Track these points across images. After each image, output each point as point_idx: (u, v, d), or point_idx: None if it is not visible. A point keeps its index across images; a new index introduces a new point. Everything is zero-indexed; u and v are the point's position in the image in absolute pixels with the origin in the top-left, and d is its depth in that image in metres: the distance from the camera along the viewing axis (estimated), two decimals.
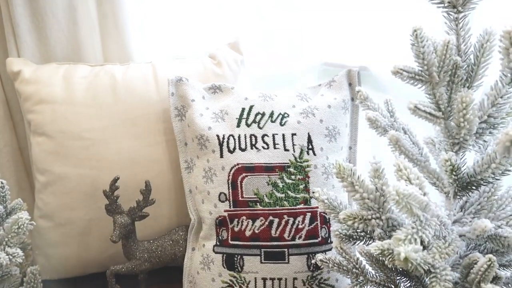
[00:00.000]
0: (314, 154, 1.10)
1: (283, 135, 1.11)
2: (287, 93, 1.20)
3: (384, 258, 0.78)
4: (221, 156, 1.10)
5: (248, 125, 1.12)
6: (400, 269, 0.91)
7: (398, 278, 0.91)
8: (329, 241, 1.08)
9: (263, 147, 1.10)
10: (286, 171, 1.08)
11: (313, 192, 0.96)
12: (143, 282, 1.22)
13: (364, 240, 0.93)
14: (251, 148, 1.10)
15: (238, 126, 1.13)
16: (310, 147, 1.11)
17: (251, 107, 1.15)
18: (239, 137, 1.11)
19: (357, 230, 0.92)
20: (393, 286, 0.91)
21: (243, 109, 1.15)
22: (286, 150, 1.10)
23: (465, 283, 0.79)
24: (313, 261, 1.05)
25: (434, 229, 0.75)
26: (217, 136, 1.12)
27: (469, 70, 0.80)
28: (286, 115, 1.14)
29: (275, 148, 1.10)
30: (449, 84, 0.80)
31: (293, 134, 1.11)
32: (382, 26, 1.30)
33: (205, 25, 1.45)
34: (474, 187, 0.83)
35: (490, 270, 0.74)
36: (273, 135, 1.11)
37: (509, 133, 0.66)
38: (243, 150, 1.10)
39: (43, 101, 1.25)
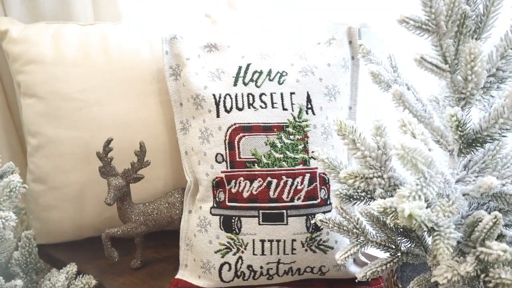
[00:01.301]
0: (314, 114, 1.07)
1: (282, 94, 1.08)
2: (285, 51, 1.16)
3: (386, 217, 0.76)
4: (218, 116, 1.07)
5: (245, 84, 1.09)
6: (401, 229, 0.90)
7: (399, 238, 0.90)
8: (328, 203, 1.07)
9: (260, 107, 1.07)
10: (285, 131, 1.05)
11: (313, 152, 0.93)
12: (139, 245, 1.21)
13: (365, 200, 0.91)
14: (249, 108, 1.07)
15: (235, 85, 1.09)
16: (309, 106, 1.07)
17: (248, 65, 1.11)
18: (236, 96, 1.08)
19: (358, 190, 0.90)
20: (393, 246, 0.89)
21: (240, 68, 1.11)
22: (284, 109, 1.07)
23: (469, 241, 0.77)
24: (312, 222, 1.03)
25: (438, 186, 0.72)
26: (213, 95, 1.08)
27: (477, 21, 0.77)
28: (284, 73, 1.10)
29: (273, 107, 1.07)
30: (457, 35, 0.76)
31: (291, 93, 1.08)
32: None
33: None
34: (479, 144, 0.80)
35: (495, 228, 0.71)
36: (271, 94, 1.08)
37: None
38: (240, 109, 1.07)
39: (32, 61, 1.21)
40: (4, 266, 1.12)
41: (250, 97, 1.08)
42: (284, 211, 1.03)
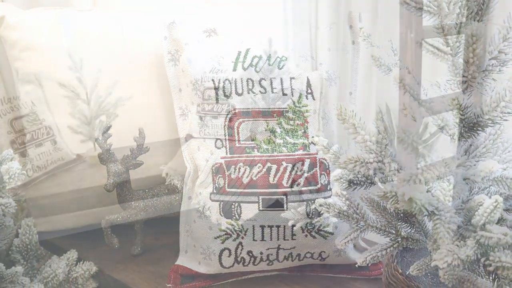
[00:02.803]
0: (314, 99, 1.07)
1: (281, 79, 1.07)
2: (285, 35, 1.15)
3: (386, 202, 0.75)
4: (217, 101, 1.06)
5: (244, 69, 1.08)
6: (401, 214, 0.89)
7: (399, 223, 0.89)
8: (328, 188, 1.06)
9: (260, 92, 1.06)
10: (285, 116, 1.05)
11: (312, 137, 0.92)
12: (139, 232, 1.21)
13: (365, 185, 0.90)
14: (248, 93, 1.06)
15: (234, 70, 1.08)
16: (309, 91, 1.07)
17: (247, 50, 1.10)
18: (235, 81, 1.07)
19: (358, 175, 0.89)
20: (393, 232, 0.89)
21: (239, 53, 1.10)
22: (284, 94, 1.06)
23: (469, 226, 0.77)
24: (312, 207, 1.03)
25: (439, 171, 0.72)
26: (213, 80, 1.07)
27: (480, 2, 0.75)
28: (284, 58, 1.09)
29: (273, 92, 1.06)
30: (458, 17, 0.75)
31: (291, 78, 1.07)
32: None
33: None
34: (480, 128, 0.80)
35: (496, 212, 0.71)
36: (271, 79, 1.07)
37: None
38: (239, 94, 1.06)
39: (30, 47, 1.20)
40: (4, 253, 1.12)
41: (250, 82, 1.07)
42: (284, 196, 1.03)
